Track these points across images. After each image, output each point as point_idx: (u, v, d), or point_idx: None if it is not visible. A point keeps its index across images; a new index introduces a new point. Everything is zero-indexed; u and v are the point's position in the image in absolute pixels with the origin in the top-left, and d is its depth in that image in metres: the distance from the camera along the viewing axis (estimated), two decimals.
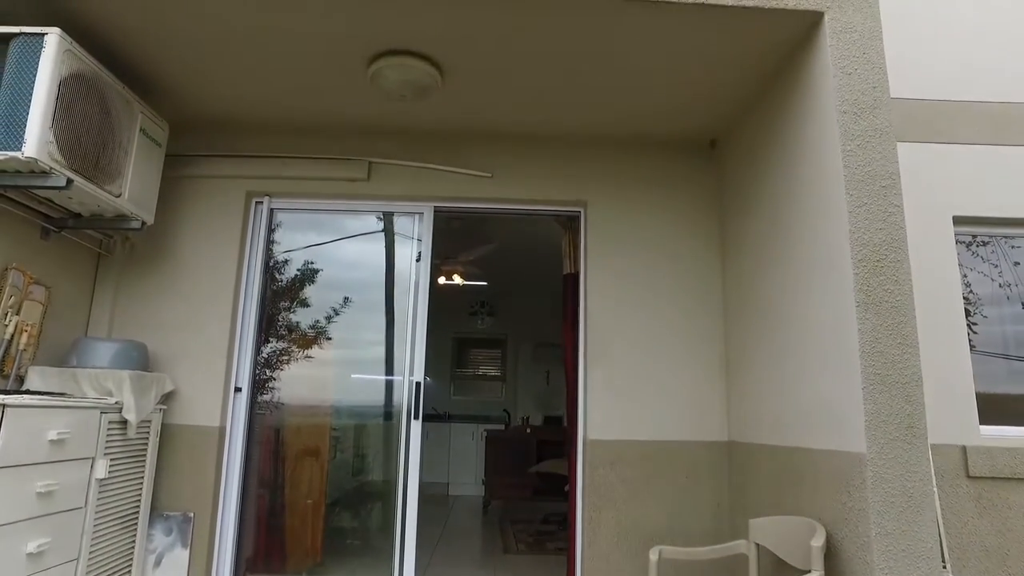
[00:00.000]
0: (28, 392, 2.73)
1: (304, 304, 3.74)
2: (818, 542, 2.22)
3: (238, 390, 3.48)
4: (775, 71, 2.93)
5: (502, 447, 6.80)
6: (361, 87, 3.17)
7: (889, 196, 2.40)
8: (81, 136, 2.64)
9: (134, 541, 3.05)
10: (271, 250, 3.73)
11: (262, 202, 3.69)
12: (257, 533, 3.47)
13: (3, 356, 2.77)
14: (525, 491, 6.59)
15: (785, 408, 2.81)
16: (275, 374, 3.63)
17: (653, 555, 2.64)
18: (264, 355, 3.63)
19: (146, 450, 3.14)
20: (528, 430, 7.17)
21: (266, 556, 3.46)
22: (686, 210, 3.68)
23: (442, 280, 7.09)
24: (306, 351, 3.68)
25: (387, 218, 3.83)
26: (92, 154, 2.71)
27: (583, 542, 3.32)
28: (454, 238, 5.73)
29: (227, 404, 3.42)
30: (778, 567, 2.63)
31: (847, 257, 2.36)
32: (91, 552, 2.71)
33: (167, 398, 3.33)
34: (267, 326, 3.66)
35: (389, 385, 3.65)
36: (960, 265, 3.39)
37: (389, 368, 3.66)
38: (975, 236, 3.51)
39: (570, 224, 3.82)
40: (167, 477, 3.26)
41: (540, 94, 3.22)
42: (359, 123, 3.61)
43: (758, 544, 2.65)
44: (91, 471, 2.71)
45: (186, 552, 3.20)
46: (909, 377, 2.26)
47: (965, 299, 3.39)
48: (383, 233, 3.83)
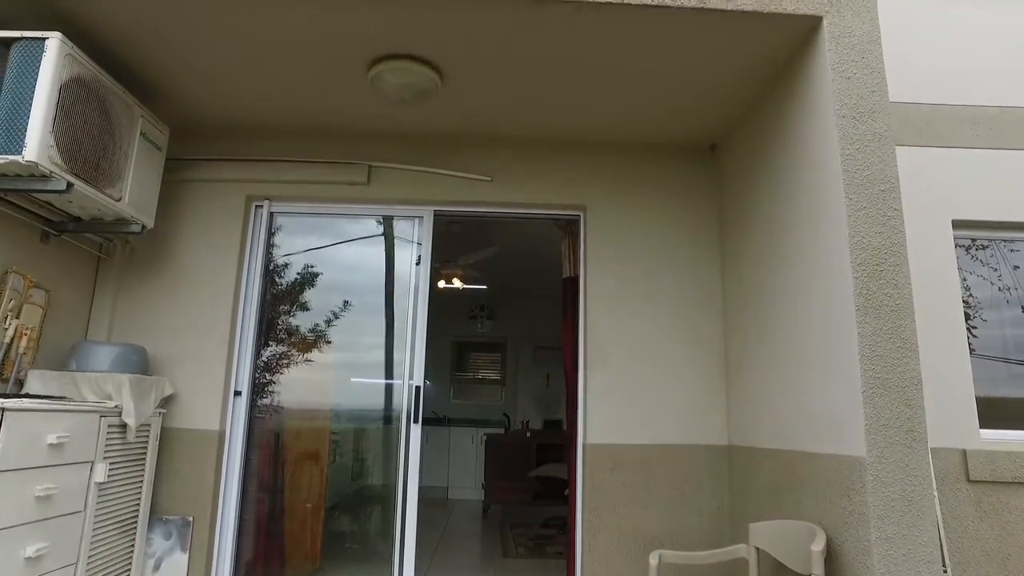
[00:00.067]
0: (27, 396, 2.73)
1: (304, 308, 3.74)
2: (818, 546, 2.21)
3: (238, 394, 3.48)
4: (774, 75, 2.94)
5: (502, 451, 6.80)
6: (361, 91, 3.18)
7: (888, 200, 2.41)
8: (81, 140, 2.64)
9: (133, 545, 3.05)
10: (271, 254, 3.73)
11: (262, 206, 3.69)
12: (256, 537, 3.46)
13: (2, 359, 2.77)
14: (525, 495, 6.58)
15: (785, 412, 2.81)
16: (275, 378, 3.63)
17: (653, 559, 2.64)
18: (264, 359, 3.63)
19: (145, 454, 3.13)
20: (528, 434, 7.16)
21: (265, 560, 3.45)
22: (686, 214, 3.69)
23: (442, 284, 7.09)
24: (306, 355, 3.67)
25: (387, 222, 3.83)
26: (92, 158, 2.71)
27: (583, 546, 3.32)
28: (454, 241, 5.73)
29: (227, 408, 3.42)
30: (778, 571, 2.63)
31: (846, 261, 2.36)
32: (90, 556, 2.70)
33: (167, 402, 3.32)
34: (267, 330, 3.66)
35: (389, 389, 3.64)
36: (959, 269, 3.40)
37: (389, 372, 3.66)
38: (974, 240, 3.51)
39: (570, 228, 3.82)
40: (166, 481, 3.26)
41: (540, 98, 3.23)
42: (359, 127, 3.61)
43: (758, 548, 2.65)
44: (90, 475, 2.70)
45: (185, 556, 3.19)
46: (909, 381, 2.27)
47: (965, 303, 3.39)
48: (383, 237, 3.83)
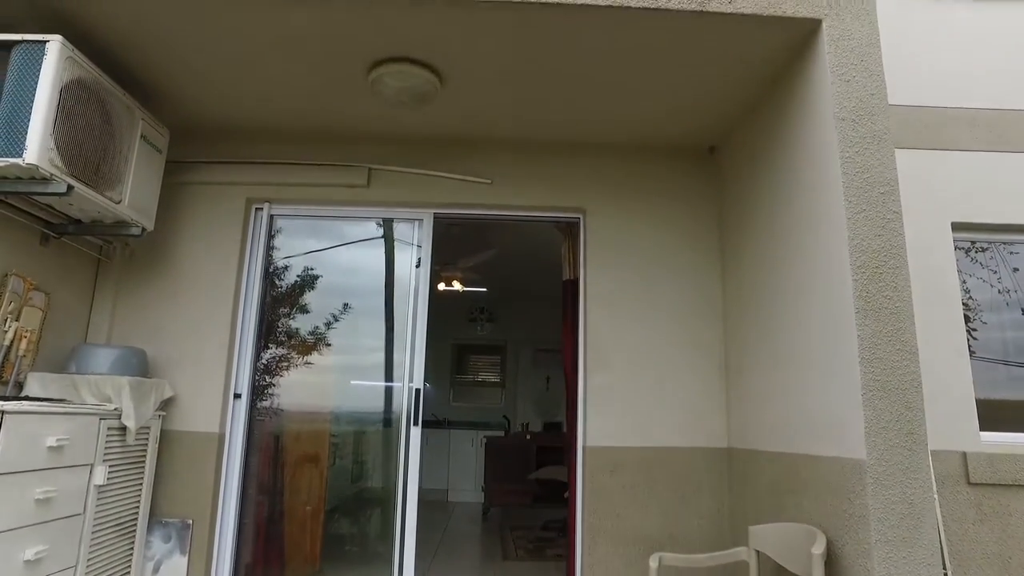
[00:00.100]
0: (27, 398, 2.73)
1: (304, 310, 3.74)
2: (819, 549, 2.21)
3: (237, 396, 3.47)
4: (773, 78, 2.95)
5: (502, 453, 6.79)
6: (361, 94, 3.18)
7: (888, 202, 2.41)
8: (82, 143, 2.64)
9: (132, 548, 3.05)
10: (271, 256, 3.73)
11: (262, 208, 3.69)
12: (256, 540, 3.45)
13: (2, 362, 2.77)
14: (525, 498, 6.57)
15: (785, 414, 2.81)
16: (274, 380, 3.63)
17: (653, 562, 2.63)
18: (264, 361, 3.63)
19: (145, 456, 3.13)
20: (528, 436, 7.16)
21: (265, 563, 3.44)
22: (685, 216, 3.69)
23: (442, 286, 7.09)
24: (305, 357, 3.67)
25: (387, 224, 3.83)
26: (93, 160, 2.72)
27: (583, 549, 3.31)
28: (454, 244, 5.73)
29: (226, 410, 3.42)
30: (779, 574, 2.62)
31: (846, 264, 2.36)
32: (89, 559, 2.70)
33: (166, 404, 3.32)
34: (267, 332, 3.66)
35: (388, 391, 3.64)
36: (959, 271, 3.40)
37: (388, 374, 3.66)
38: (974, 242, 3.52)
39: (569, 230, 3.82)
40: (166, 484, 3.25)
41: (539, 100, 3.23)
42: (359, 130, 3.62)
43: (758, 551, 2.64)
44: (90, 478, 2.70)
45: (184, 559, 3.18)
46: (909, 383, 2.26)
47: (964, 305, 3.39)
48: (383, 239, 3.84)
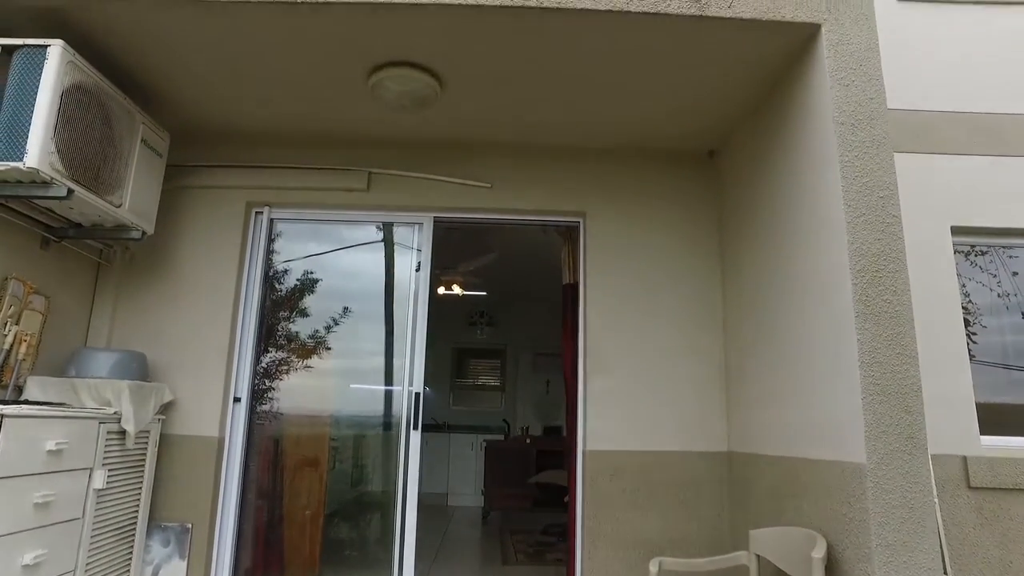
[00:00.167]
0: (27, 402, 2.72)
1: (304, 314, 3.74)
2: (819, 553, 2.21)
3: (237, 400, 3.47)
4: (773, 83, 2.95)
5: (502, 457, 6.79)
6: (361, 98, 3.18)
7: (887, 206, 2.41)
8: (83, 147, 2.65)
9: (131, 552, 3.04)
10: (271, 260, 3.73)
11: (262, 212, 3.70)
12: (255, 544, 3.45)
13: (2, 366, 2.77)
14: (524, 501, 6.56)
15: (785, 418, 2.81)
16: (274, 384, 3.63)
17: (653, 567, 2.63)
18: (263, 365, 3.62)
19: (144, 460, 3.13)
20: (528, 440, 7.15)
21: (264, 567, 3.43)
22: (685, 219, 3.69)
23: (442, 290, 7.10)
24: (305, 361, 3.67)
25: (387, 228, 3.84)
26: (93, 164, 2.72)
27: (583, 553, 3.30)
28: (454, 248, 5.73)
29: (226, 414, 3.42)
30: None
31: (846, 268, 2.37)
32: (88, 564, 2.69)
33: (166, 408, 3.32)
34: (266, 336, 3.66)
35: (388, 395, 3.64)
36: (959, 275, 3.40)
37: (388, 378, 3.66)
38: (973, 246, 3.52)
39: (569, 234, 3.82)
40: (165, 488, 3.25)
41: (539, 104, 3.23)
42: (359, 133, 3.62)
43: (759, 555, 2.64)
44: (89, 482, 2.70)
45: (184, 563, 3.18)
46: (909, 387, 2.26)
47: (964, 309, 3.39)
48: (383, 243, 3.84)
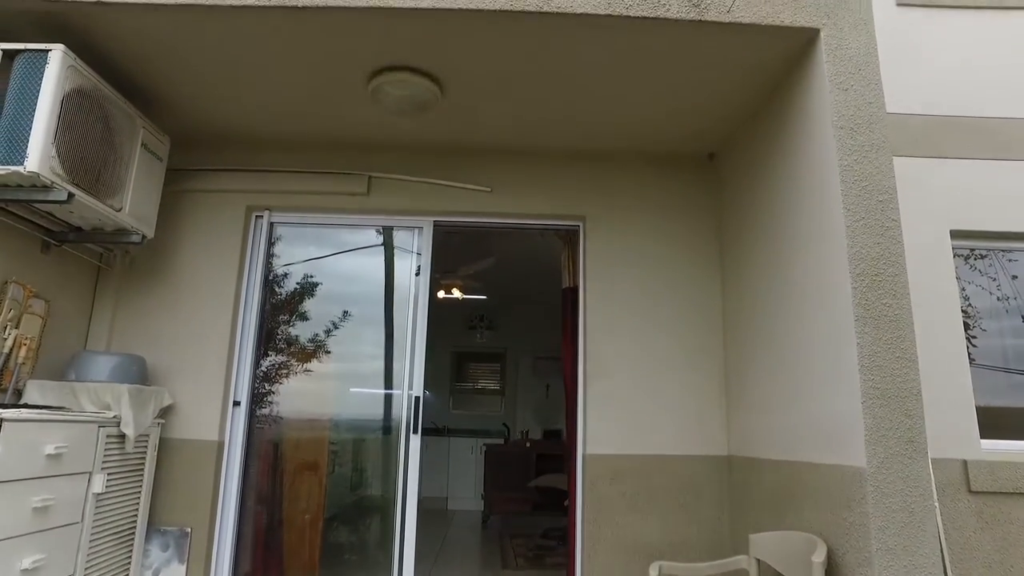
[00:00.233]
0: (26, 406, 2.72)
1: (303, 318, 3.74)
2: (819, 558, 2.20)
3: (237, 404, 3.47)
4: (772, 86, 2.96)
5: (501, 461, 6.77)
6: (361, 102, 3.19)
7: (886, 210, 2.42)
8: (83, 151, 2.65)
9: (130, 557, 3.03)
10: (271, 264, 3.73)
11: (262, 216, 3.70)
12: (254, 548, 3.44)
13: (1, 369, 2.76)
14: (524, 505, 6.55)
15: (785, 422, 2.80)
16: (274, 388, 3.62)
17: (653, 570, 2.62)
18: (263, 369, 3.62)
19: (144, 464, 3.12)
20: (527, 444, 7.14)
21: (264, 571, 3.43)
22: (685, 222, 3.69)
23: (441, 294, 7.09)
24: (305, 365, 3.67)
25: (387, 232, 3.84)
26: (94, 168, 2.72)
27: (583, 557, 3.30)
28: (453, 252, 5.74)
29: (226, 418, 3.41)
30: None
31: (845, 271, 2.37)
32: (87, 568, 2.69)
33: (165, 412, 3.32)
34: (266, 340, 3.66)
35: (388, 399, 3.64)
36: (958, 279, 3.40)
37: (388, 382, 3.65)
38: (973, 250, 3.52)
39: (569, 238, 3.83)
40: (164, 492, 3.24)
41: (539, 108, 3.24)
42: (359, 138, 3.63)
43: (759, 559, 2.63)
44: (88, 486, 2.69)
45: (183, 568, 3.17)
46: (908, 391, 2.26)
47: (964, 312, 3.39)
48: (383, 247, 3.84)
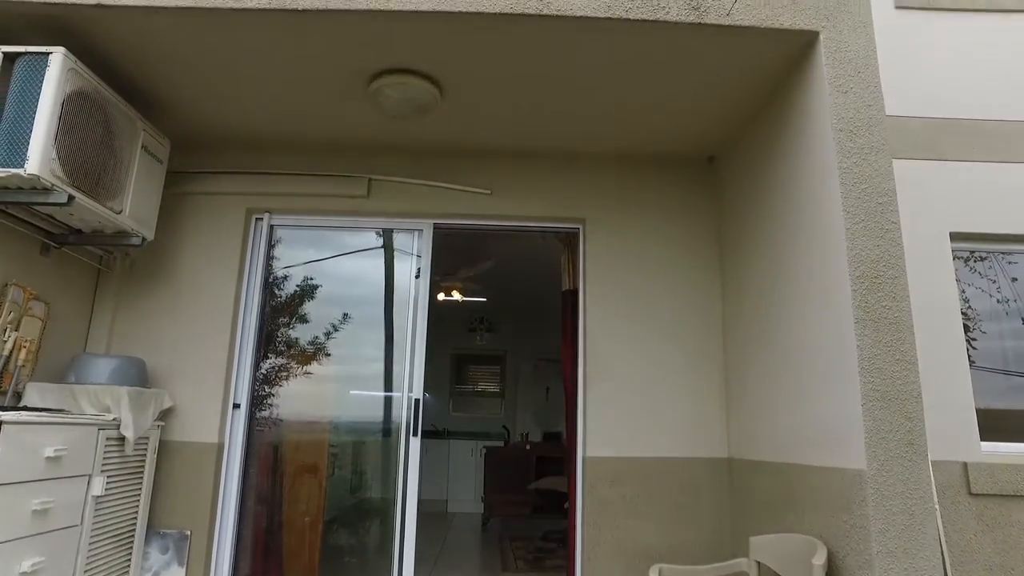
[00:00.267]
0: (26, 408, 2.72)
1: (303, 320, 3.74)
2: (819, 560, 2.20)
3: (236, 406, 3.47)
4: (772, 89, 2.96)
5: (501, 464, 6.77)
6: (361, 105, 3.19)
7: (886, 213, 2.42)
8: (83, 153, 2.65)
9: (130, 559, 3.03)
10: (271, 266, 3.73)
11: (262, 218, 3.70)
12: (254, 551, 3.43)
13: (1, 372, 2.76)
14: (524, 508, 6.54)
15: (785, 425, 2.80)
16: (274, 390, 3.62)
17: (653, 573, 2.62)
18: (263, 371, 3.62)
19: (143, 467, 3.12)
20: (527, 447, 7.14)
21: (263, 574, 3.42)
22: (685, 225, 3.70)
23: (441, 296, 7.09)
24: (305, 367, 3.67)
25: (386, 234, 3.84)
26: (94, 171, 2.73)
27: (583, 560, 3.29)
28: (453, 254, 5.74)
29: (225, 420, 3.41)
30: None
31: (845, 274, 2.37)
32: (86, 571, 2.68)
33: (165, 414, 3.31)
34: (266, 342, 3.65)
35: (388, 401, 3.64)
36: (958, 281, 3.40)
37: (388, 384, 3.65)
38: (972, 252, 3.52)
39: (569, 240, 3.83)
40: (164, 494, 3.24)
41: (539, 110, 3.24)
42: (359, 140, 3.63)
43: (759, 562, 2.63)
44: (88, 488, 2.69)
45: (182, 570, 3.16)
46: (908, 393, 2.26)
47: (964, 315, 3.39)
48: (382, 249, 3.84)
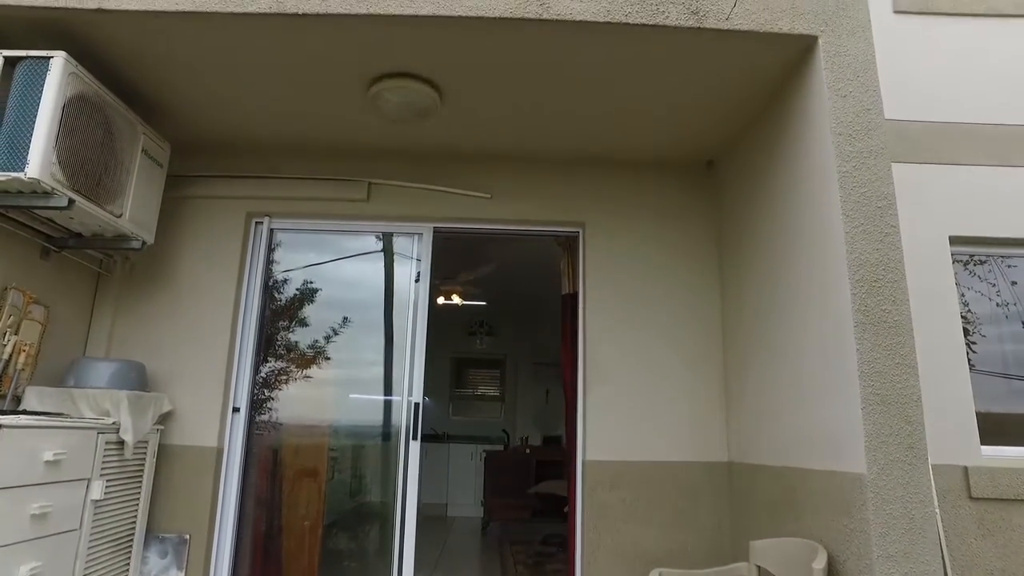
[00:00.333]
0: (25, 412, 2.72)
1: (303, 324, 3.73)
2: (820, 564, 2.20)
3: (236, 410, 3.46)
4: (771, 93, 2.97)
5: (501, 468, 6.76)
6: (361, 109, 3.20)
7: (885, 216, 2.42)
8: (84, 157, 2.66)
9: (128, 564, 3.02)
10: (270, 270, 3.73)
11: (262, 222, 3.70)
12: (253, 555, 3.43)
13: (0, 375, 2.76)
14: (524, 512, 6.53)
15: (785, 429, 2.80)
16: (273, 394, 3.62)
17: None
18: (263, 375, 3.62)
19: (142, 471, 3.12)
20: (527, 450, 7.13)
21: None
22: (684, 229, 3.70)
23: (441, 300, 7.10)
24: (305, 371, 3.67)
25: (386, 238, 3.84)
26: (94, 175, 2.73)
27: (582, 564, 3.29)
28: (453, 258, 5.74)
29: (225, 424, 3.41)
30: None
31: (844, 277, 2.37)
32: (85, 575, 2.67)
33: (165, 418, 3.31)
34: (266, 346, 3.65)
35: (388, 405, 3.63)
36: (958, 284, 3.40)
37: (388, 388, 3.65)
38: (972, 256, 3.53)
39: (569, 244, 3.83)
40: (163, 498, 3.23)
41: (539, 114, 3.25)
42: (359, 144, 3.64)
43: (759, 566, 2.62)
44: (87, 492, 2.68)
45: (181, 574, 3.15)
46: (908, 397, 2.26)
47: (963, 318, 3.39)
48: (382, 253, 3.84)
